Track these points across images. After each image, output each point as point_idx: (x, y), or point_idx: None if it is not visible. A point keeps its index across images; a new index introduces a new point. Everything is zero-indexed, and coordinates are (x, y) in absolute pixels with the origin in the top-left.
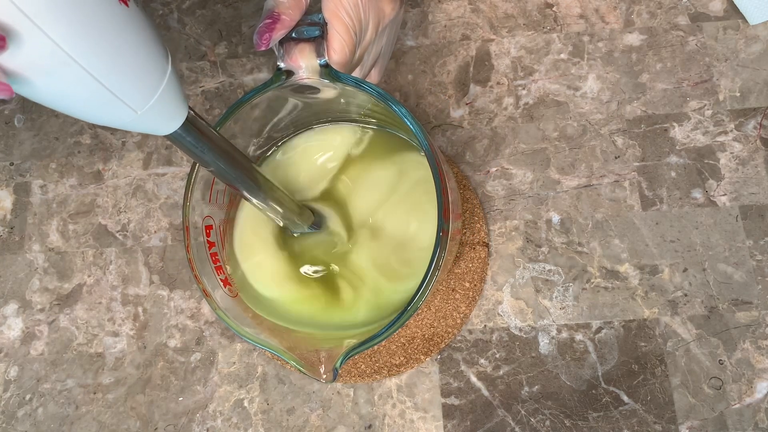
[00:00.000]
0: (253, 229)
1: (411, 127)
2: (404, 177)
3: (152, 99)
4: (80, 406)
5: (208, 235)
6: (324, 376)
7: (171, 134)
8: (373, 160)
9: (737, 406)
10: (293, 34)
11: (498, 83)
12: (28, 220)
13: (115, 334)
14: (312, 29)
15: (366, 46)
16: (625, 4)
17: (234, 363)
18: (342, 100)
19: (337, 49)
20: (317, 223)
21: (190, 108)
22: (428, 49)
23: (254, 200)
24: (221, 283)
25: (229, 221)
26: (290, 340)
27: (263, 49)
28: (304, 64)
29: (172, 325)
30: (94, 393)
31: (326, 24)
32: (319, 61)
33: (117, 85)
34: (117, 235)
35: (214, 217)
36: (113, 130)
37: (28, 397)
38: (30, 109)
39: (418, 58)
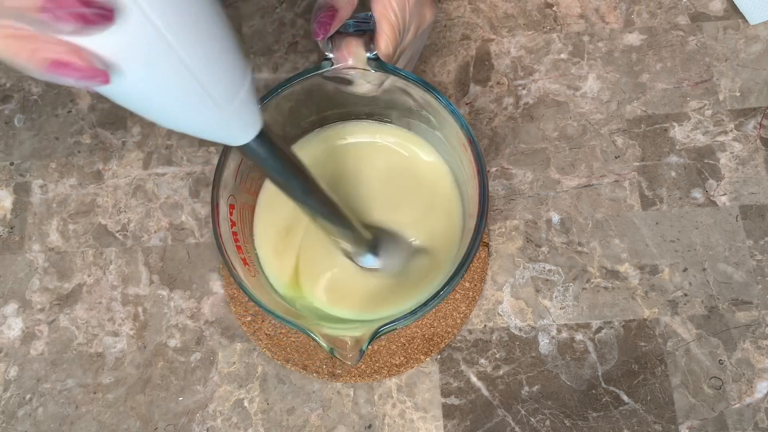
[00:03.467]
0: (274, 231)
1: (458, 120)
2: (428, 183)
3: (237, 98)
4: (80, 405)
5: (230, 214)
6: (350, 355)
7: (246, 145)
8: (398, 160)
9: (737, 405)
10: (342, 29)
11: (498, 83)
12: (28, 220)
13: (115, 334)
14: (361, 25)
15: (405, 47)
16: (625, 4)
17: (234, 363)
18: (378, 98)
19: (382, 48)
20: (374, 245)
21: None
22: (428, 49)
23: (317, 219)
24: (242, 262)
25: (250, 207)
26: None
27: (320, 39)
28: (353, 55)
29: (172, 325)
30: (94, 393)
31: (374, 22)
32: (368, 54)
33: (208, 79)
34: (117, 235)
35: (237, 197)
36: (113, 130)
37: (28, 396)
38: (30, 108)
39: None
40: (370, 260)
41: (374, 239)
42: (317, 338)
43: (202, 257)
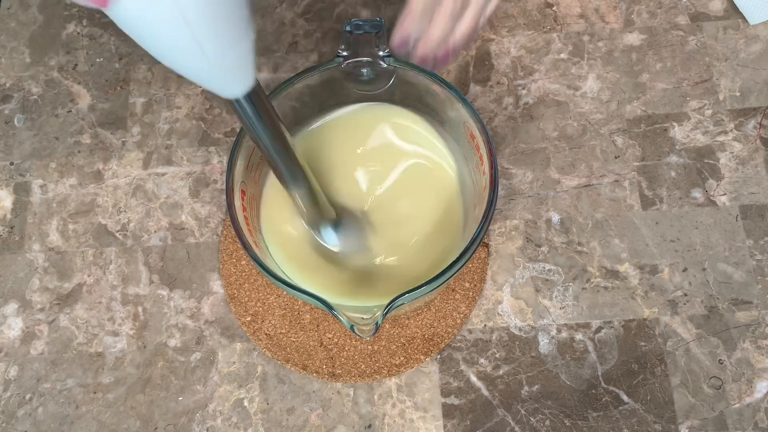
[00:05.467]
0: (283, 221)
1: (473, 115)
2: (431, 177)
3: (230, 54)
4: (80, 405)
5: (242, 198)
6: (366, 328)
7: (235, 100)
8: (401, 155)
9: (737, 405)
10: (356, 31)
11: (498, 83)
12: (28, 220)
13: (115, 334)
14: (372, 27)
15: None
16: (625, 3)
17: (234, 363)
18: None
19: (395, 41)
20: (338, 223)
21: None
22: None
23: (288, 184)
24: (254, 245)
25: (255, 198)
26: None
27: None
28: (365, 54)
29: (172, 324)
30: (94, 392)
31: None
32: (380, 53)
33: (201, 30)
34: (117, 234)
35: (247, 183)
36: (113, 130)
37: (28, 396)
38: (30, 108)
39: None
40: (331, 235)
41: (339, 218)
42: (338, 314)
43: (202, 257)
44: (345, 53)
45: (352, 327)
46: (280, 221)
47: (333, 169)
